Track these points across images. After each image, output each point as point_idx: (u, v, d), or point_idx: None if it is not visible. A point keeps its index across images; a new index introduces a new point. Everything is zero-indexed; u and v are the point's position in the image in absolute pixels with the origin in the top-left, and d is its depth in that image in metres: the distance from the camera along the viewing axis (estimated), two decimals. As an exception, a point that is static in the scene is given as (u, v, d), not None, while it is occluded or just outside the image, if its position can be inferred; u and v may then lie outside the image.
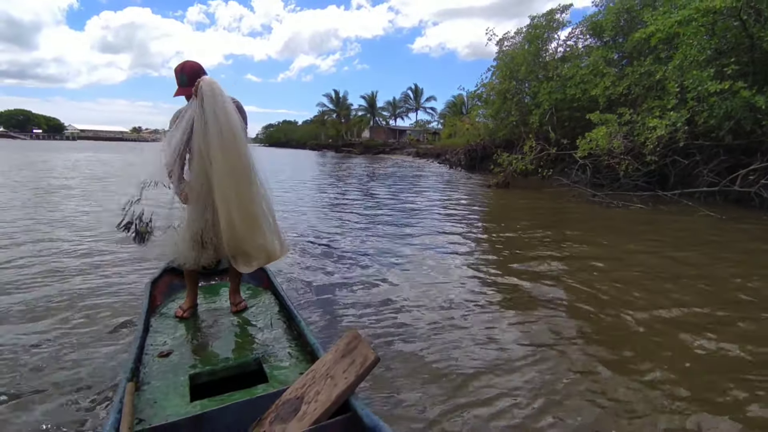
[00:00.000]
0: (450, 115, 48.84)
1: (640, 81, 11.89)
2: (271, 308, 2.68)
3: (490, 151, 20.28)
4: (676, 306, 3.46)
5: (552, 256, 5.07)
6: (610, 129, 9.81)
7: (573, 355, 2.66)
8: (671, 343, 2.83)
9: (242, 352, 2.16)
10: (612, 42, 15.13)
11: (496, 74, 19.14)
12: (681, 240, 6.02)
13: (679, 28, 8.63)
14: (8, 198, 8.20)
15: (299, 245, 5.39)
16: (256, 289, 3.04)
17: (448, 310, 3.39)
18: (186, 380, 1.88)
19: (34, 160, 21.69)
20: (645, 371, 2.48)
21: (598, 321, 3.22)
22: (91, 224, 6.18)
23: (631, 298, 3.66)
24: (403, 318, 3.23)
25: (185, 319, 2.50)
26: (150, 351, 2.13)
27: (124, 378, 1.73)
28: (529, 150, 13.20)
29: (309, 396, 1.59)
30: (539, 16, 17.56)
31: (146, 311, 2.42)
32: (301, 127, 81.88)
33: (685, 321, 3.20)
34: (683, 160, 10.57)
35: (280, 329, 2.39)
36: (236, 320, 2.53)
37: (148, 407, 1.68)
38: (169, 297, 2.85)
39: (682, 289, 3.89)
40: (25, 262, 4.30)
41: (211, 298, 2.88)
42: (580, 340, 2.88)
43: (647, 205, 9.03)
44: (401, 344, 2.78)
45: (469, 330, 3.03)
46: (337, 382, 1.57)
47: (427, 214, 8.02)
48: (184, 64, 2.35)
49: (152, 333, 2.31)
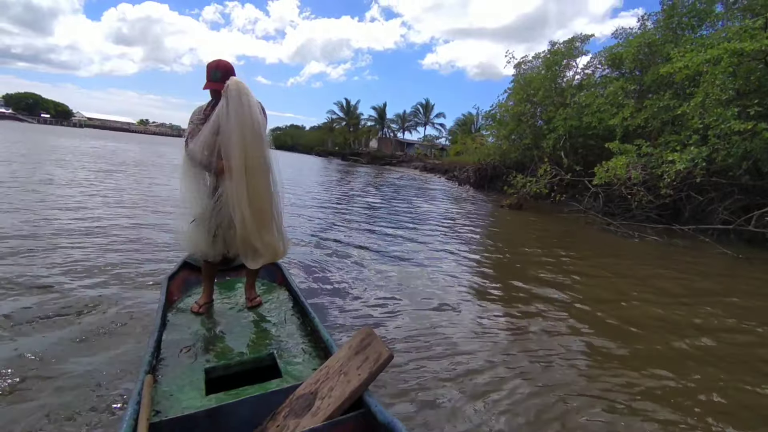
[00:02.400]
0: (459, 132, 49.17)
1: (658, 114, 12.03)
2: (285, 304, 2.71)
3: (500, 172, 20.42)
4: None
5: (576, 280, 5.08)
6: (629, 159, 9.88)
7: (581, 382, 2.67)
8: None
9: (257, 347, 2.18)
10: (629, 74, 15.35)
11: (512, 96, 19.38)
12: (705, 274, 6.03)
13: (706, 67, 8.76)
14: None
15: (314, 244, 5.43)
16: (271, 285, 3.08)
17: (460, 318, 3.46)
18: (202, 374, 1.91)
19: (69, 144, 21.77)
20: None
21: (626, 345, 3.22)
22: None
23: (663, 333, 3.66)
24: (414, 320, 3.30)
25: (201, 314, 2.54)
26: (167, 345, 2.15)
27: (143, 371, 1.76)
28: (544, 173, 13.27)
29: (323, 392, 1.60)
30: (560, 43, 17.83)
31: (163, 306, 2.45)
32: (308, 132, 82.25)
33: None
34: (698, 196, 10.63)
35: (294, 325, 2.42)
36: (251, 316, 2.56)
37: (164, 399, 1.72)
38: (186, 292, 2.89)
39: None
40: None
41: (226, 293, 2.93)
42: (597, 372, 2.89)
43: (661, 237, 9.06)
44: (412, 345, 2.86)
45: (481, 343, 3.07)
46: (350, 379, 1.58)
47: (444, 227, 8.05)
48: (218, 61, 2.44)
49: (169, 328, 2.35)
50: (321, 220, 7.78)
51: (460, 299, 3.90)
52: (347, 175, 25.57)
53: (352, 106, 61.69)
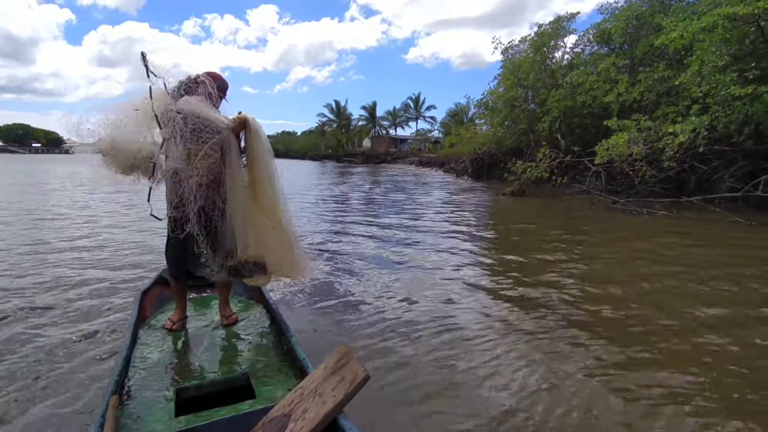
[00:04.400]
0: (452, 124, 48.99)
1: (654, 87, 11.87)
2: (261, 322, 2.66)
3: (498, 159, 20.26)
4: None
5: (593, 263, 4.93)
6: (629, 135, 9.73)
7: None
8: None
9: (230, 366, 2.12)
10: (619, 49, 15.18)
11: (502, 82, 19.22)
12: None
13: (702, 35, 8.60)
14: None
15: (317, 248, 5.26)
16: (248, 302, 3.01)
17: (458, 328, 3.26)
18: (172, 394, 1.85)
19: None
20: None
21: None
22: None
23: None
24: (403, 335, 3.12)
25: (174, 332, 2.46)
26: (137, 363, 2.08)
27: (108, 391, 1.69)
28: (543, 157, 13.11)
29: (296, 414, 1.56)
30: (546, 24, 17.67)
31: (135, 322, 2.38)
32: (300, 137, 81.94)
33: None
34: (702, 166, 10.48)
35: (270, 344, 2.36)
36: (225, 334, 2.50)
37: (131, 422, 1.65)
38: (159, 308, 2.81)
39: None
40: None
41: (201, 310, 2.83)
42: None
43: (670, 211, 8.91)
44: (395, 361, 2.72)
45: (479, 349, 2.91)
46: (325, 400, 1.55)
47: (447, 221, 7.88)
48: (220, 75, 2.50)
49: (139, 345, 2.27)
50: (320, 221, 7.61)
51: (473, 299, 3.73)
52: (342, 176, 25.39)
53: (342, 107, 61.45)
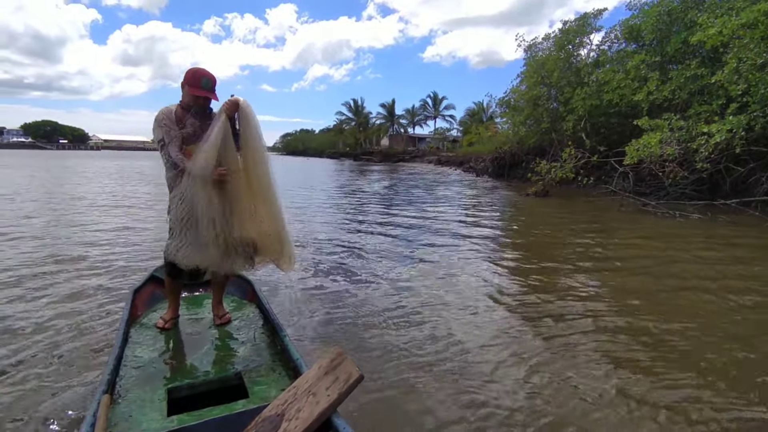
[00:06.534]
0: (470, 122, 48.46)
1: (686, 85, 11.45)
2: (255, 321, 2.64)
3: (519, 159, 19.94)
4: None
5: (628, 269, 4.75)
6: (663, 135, 9.39)
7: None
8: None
9: (223, 366, 2.11)
10: (649, 46, 14.70)
11: (525, 80, 18.86)
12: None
13: (742, 31, 8.23)
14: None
15: (328, 244, 5.29)
16: (241, 301, 2.99)
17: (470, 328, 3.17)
18: (164, 393, 1.84)
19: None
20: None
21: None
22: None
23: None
24: (401, 338, 3.02)
25: (166, 331, 2.45)
26: (128, 362, 2.07)
27: (100, 390, 1.68)
28: (569, 157, 12.80)
29: (290, 413, 1.56)
30: (572, 21, 17.26)
31: (126, 321, 2.36)
32: (318, 135, 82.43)
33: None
34: (737, 168, 10.07)
35: (263, 343, 2.35)
36: (218, 333, 2.48)
37: (122, 421, 1.64)
38: (151, 307, 2.79)
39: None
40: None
41: (194, 309, 2.81)
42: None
43: (705, 215, 8.57)
44: (393, 364, 2.64)
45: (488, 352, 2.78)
46: (319, 400, 1.55)
47: (469, 223, 7.74)
48: (206, 71, 2.42)
49: (131, 344, 2.26)
50: (336, 220, 7.57)
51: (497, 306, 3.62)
52: (361, 175, 25.37)
53: (360, 106, 61.53)
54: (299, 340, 2.93)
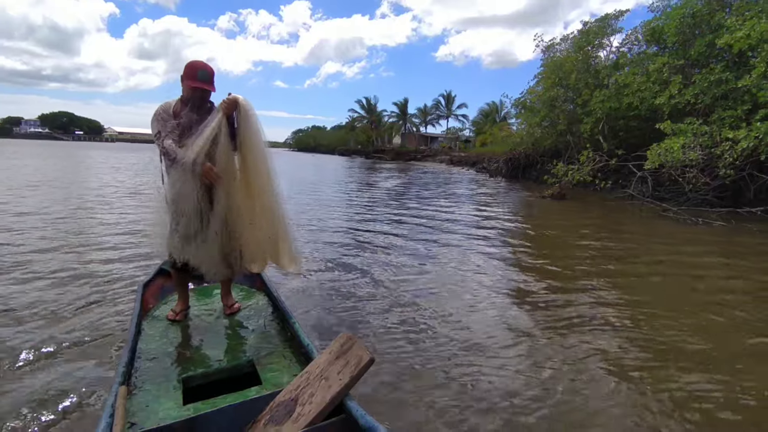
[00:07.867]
0: (483, 122, 48.17)
1: (709, 90, 11.22)
2: (264, 310, 2.68)
3: (534, 160, 19.75)
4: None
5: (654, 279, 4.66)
6: (686, 140, 9.21)
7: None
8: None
9: (235, 354, 2.15)
10: (671, 49, 14.43)
11: (542, 81, 18.66)
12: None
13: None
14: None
15: (340, 239, 5.31)
16: (250, 290, 3.04)
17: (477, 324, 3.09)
18: (179, 383, 1.88)
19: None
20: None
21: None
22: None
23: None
24: (413, 328, 3.05)
25: (178, 322, 2.49)
26: (142, 354, 2.11)
27: (116, 382, 1.72)
28: (587, 160, 12.63)
29: (303, 398, 1.59)
30: (592, 21, 17.02)
31: (138, 314, 2.40)
32: (330, 132, 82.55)
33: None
34: (762, 176, 9.85)
35: (274, 331, 2.39)
36: (229, 322, 2.52)
37: (140, 411, 1.68)
38: (162, 300, 2.83)
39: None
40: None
41: (203, 300, 2.85)
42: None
43: (729, 222, 8.38)
44: (401, 349, 2.68)
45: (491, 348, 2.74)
46: (331, 384, 1.57)
47: (485, 225, 7.67)
48: (204, 63, 2.42)
49: (144, 336, 2.30)
50: (347, 214, 7.55)
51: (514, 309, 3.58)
52: (373, 172, 25.34)
53: (373, 104, 61.46)
54: (308, 326, 2.95)
